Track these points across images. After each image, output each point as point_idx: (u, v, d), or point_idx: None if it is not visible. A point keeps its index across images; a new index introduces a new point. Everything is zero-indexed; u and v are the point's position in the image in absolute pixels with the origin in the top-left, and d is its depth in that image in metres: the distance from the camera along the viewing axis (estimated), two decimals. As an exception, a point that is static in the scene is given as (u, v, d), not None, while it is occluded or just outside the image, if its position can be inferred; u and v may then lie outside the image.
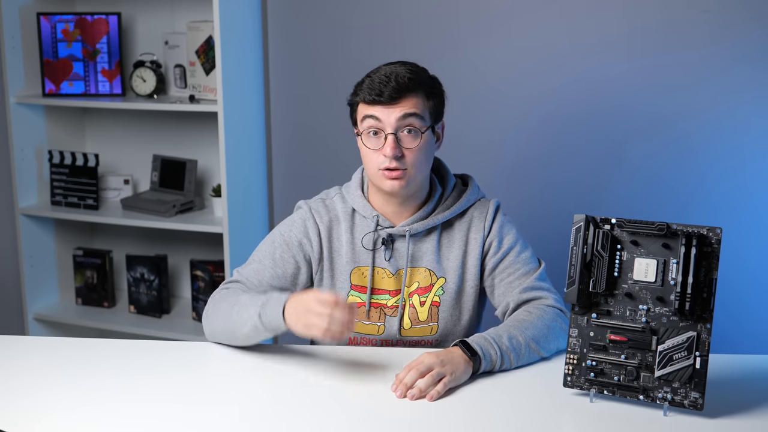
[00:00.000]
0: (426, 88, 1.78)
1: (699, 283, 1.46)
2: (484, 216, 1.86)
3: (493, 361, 1.64)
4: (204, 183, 3.19)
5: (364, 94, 1.76)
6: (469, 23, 2.78)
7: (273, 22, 3.00)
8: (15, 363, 1.72)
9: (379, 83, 1.75)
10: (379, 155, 1.76)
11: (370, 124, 1.76)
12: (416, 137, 1.76)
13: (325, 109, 2.98)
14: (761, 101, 2.54)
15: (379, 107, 1.75)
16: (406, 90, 1.74)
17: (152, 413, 1.50)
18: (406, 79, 1.75)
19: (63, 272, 3.33)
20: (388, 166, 1.75)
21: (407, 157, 1.76)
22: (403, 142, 1.75)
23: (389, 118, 1.74)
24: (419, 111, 1.76)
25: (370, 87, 1.76)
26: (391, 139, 1.74)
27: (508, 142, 2.81)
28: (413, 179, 1.78)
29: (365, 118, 1.77)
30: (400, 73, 1.75)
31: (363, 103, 1.78)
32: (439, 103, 1.83)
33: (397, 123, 1.74)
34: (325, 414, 1.51)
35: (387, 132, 1.75)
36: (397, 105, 1.74)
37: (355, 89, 1.81)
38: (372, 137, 1.77)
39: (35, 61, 3.12)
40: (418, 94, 1.76)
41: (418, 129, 1.76)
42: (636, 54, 2.63)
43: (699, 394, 1.46)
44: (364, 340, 1.86)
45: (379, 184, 1.80)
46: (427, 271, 1.84)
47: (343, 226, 1.86)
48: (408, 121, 1.75)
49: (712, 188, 2.63)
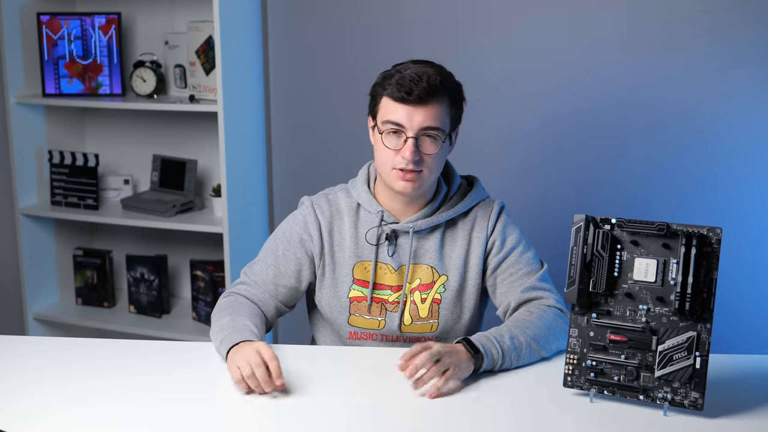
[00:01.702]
0: (452, 94, 1.79)
1: (699, 283, 1.46)
2: (487, 216, 1.87)
3: (494, 360, 1.65)
4: (204, 183, 3.19)
5: (393, 89, 1.74)
6: (469, 23, 2.78)
7: (273, 22, 3.00)
8: (15, 363, 1.72)
9: (410, 81, 1.73)
10: (396, 155, 1.76)
11: (392, 124, 1.75)
12: (437, 144, 1.76)
13: (325, 108, 2.98)
14: (761, 100, 2.54)
15: (406, 106, 1.74)
16: (435, 93, 1.74)
17: (152, 413, 1.50)
18: (437, 82, 1.74)
19: (63, 272, 3.33)
20: (404, 167, 1.75)
21: (425, 161, 1.76)
22: (423, 147, 1.75)
23: (413, 122, 1.74)
24: (442, 118, 1.76)
25: (399, 83, 1.74)
26: (412, 143, 1.74)
27: (507, 141, 2.81)
28: (425, 182, 1.79)
29: (388, 119, 1.76)
30: (431, 75, 1.74)
31: (389, 98, 1.76)
32: (460, 110, 1.83)
33: (419, 128, 1.74)
34: (326, 414, 1.51)
35: (408, 135, 1.74)
36: (423, 107, 1.74)
37: (382, 81, 1.79)
38: (392, 136, 1.76)
39: (35, 61, 3.12)
40: (444, 100, 1.76)
41: (439, 137, 1.76)
42: (637, 53, 2.63)
43: (699, 394, 1.46)
44: (365, 335, 1.87)
45: (391, 183, 1.80)
46: (430, 269, 1.85)
47: (346, 220, 1.87)
48: (431, 130, 1.75)
49: (712, 187, 2.63)
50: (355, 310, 1.85)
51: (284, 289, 1.86)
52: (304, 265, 1.86)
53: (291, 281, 1.86)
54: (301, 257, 1.86)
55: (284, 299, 1.87)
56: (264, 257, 1.88)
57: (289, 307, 1.90)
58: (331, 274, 1.86)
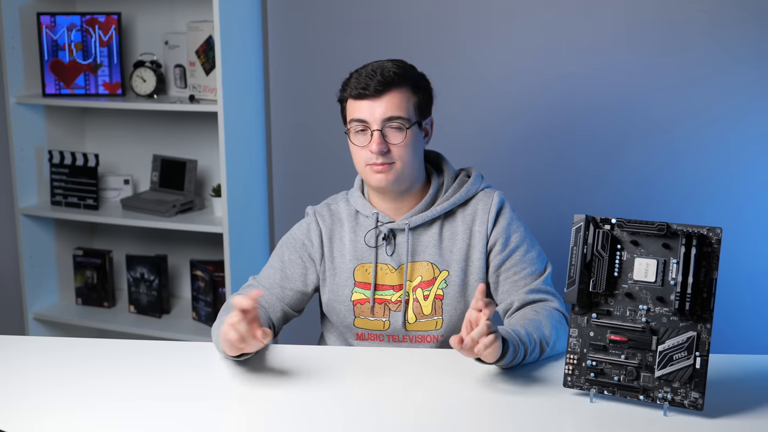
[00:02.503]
0: (412, 82, 1.82)
1: (699, 283, 1.46)
2: (488, 208, 1.86)
3: (515, 355, 1.60)
4: (204, 183, 3.19)
5: (351, 88, 1.80)
6: (468, 23, 2.78)
7: (273, 22, 3.00)
8: (15, 363, 1.72)
9: (366, 77, 1.78)
10: (365, 151, 1.80)
11: (356, 122, 1.80)
12: (401, 132, 1.79)
13: (325, 108, 2.97)
14: (759, 100, 2.54)
15: (366, 101, 1.78)
16: (391, 83, 1.78)
17: (152, 413, 1.50)
18: (391, 73, 1.78)
19: (63, 272, 3.33)
20: (375, 161, 1.78)
21: (393, 152, 1.79)
22: (389, 138, 1.79)
23: (374, 114, 1.78)
24: (405, 107, 1.79)
25: (356, 81, 1.79)
26: (377, 135, 1.78)
27: (505, 140, 2.81)
28: (401, 174, 1.81)
29: (353, 118, 1.81)
30: (386, 68, 1.79)
31: (351, 99, 1.81)
32: (426, 98, 1.85)
33: (382, 120, 1.77)
34: (326, 414, 1.51)
35: (373, 128, 1.78)
36: (382, 98, 1.77)
37: (342, 86, 1.85)
38: (359, 134, 1.80)
39: (35, 61, 3.12)
40: (404, 89, 1.80)
41: (403, 125, 1.78)
42: (634, 53, 2.63)
43: (699, 394, 1.46)
44: (371, 336, 1.88)
45: (368, 180, 1.83)
46: (429, 265, 1.85)
47: (346, 227, 1.89)
48: (394, 120, 1.78)
49: (711, 187, 2.63)
50: (359, 313, 1.86)
51: (291, 292, 1.88)
52: (309, 269, 1.89)
53: (298, 284, 1.89)
54: (305, 260, 1.89)
55: (291, 302, 1.89)
56: (271, 263, 1.92)
57: (297, 312, 1.92)
58: (332, 279, 1.88)
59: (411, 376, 1.65)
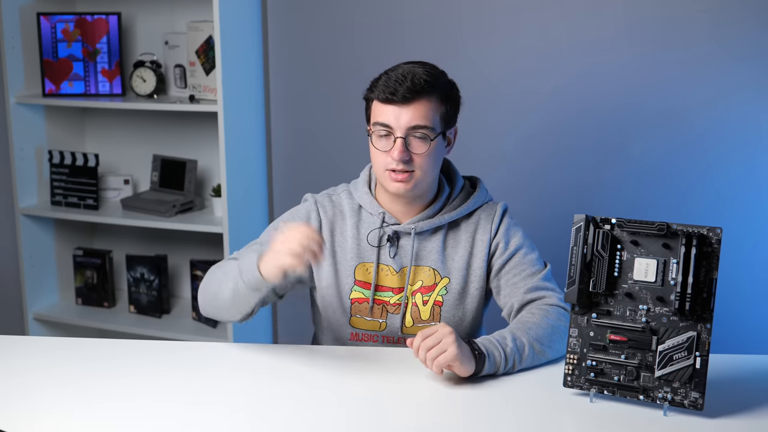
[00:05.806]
0: (441, 92, 1.78)
1: (699, 283, 1.46)
2: (491, 218, 1.86)
3: (497, 364, 1.62)
4: (204, 183, 3.19)
5: (379, 91, 1.75)
6: (471, 23, 2.78)
7: (273, 22, 3.00)
8: (15, 363, 1.72)
9: (395, 81, 1.73)
10: (386, 156, 1.76)
11: (380, 126, 1.76)
12: (425, 143, 1.75)
13: (325, 109, 2.98)
14: (760, 99, 2.54)
15: (392, 106, 1.74)
16: (420, 92, 1.74)
17: (152, 413, 1.50)
18: (422, 80, 1.74)
19: (63, 272, 3.33)
20: (395, 168, 1.75)
21: (415, 161, 1.75)
22: (412, 147, 1.75)
23: (400, 121, 1.74)
24: (431, 117, 1.75)
25: (385, 85, 1.75)
26: (400, 143, 1.74)
27: (508, 140, 2.81)
28: (420, 182, 1.78)
29: (377, 122, 1.76)
30: (417, 74, 1.74)
31: (377, 101, 1.77)
32: (453, 108, 1.82)
33: (407, 128, 1.74)
34: (326, 414, 1.51)
35: (396, 135, 1.74)
36: (409, 106, 1.73)
37: (371, 85, 1.80)
38: (382, 138, 1.77)
39: (35, 61, 3.12)
40: (433, 98, 1.76)
41: (428, 135, 1.75)
42: (636, 53, 2.63)
43: (699, 394, 1.46)
44: (366, 336, 1.87)
45: (385, 185, 1.80)
46: (431, 270, 1.84)
47: (348, 221, 1.86)
48: (419, 129, 1.74)
49: (713, 186, 2.63)
50: (356, 312, 1.85)
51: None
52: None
53: None
54: None
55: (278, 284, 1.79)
56: (262, 242, 1.84)
57: (279, 297, 1.82)
58: (332, 274, 1.85)
59: (410, 375, 1.64)
